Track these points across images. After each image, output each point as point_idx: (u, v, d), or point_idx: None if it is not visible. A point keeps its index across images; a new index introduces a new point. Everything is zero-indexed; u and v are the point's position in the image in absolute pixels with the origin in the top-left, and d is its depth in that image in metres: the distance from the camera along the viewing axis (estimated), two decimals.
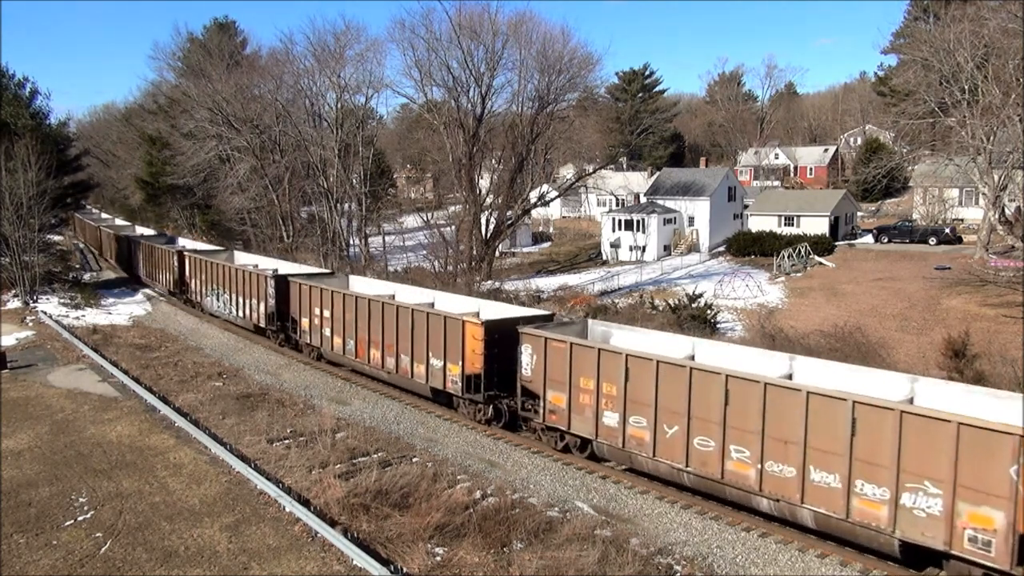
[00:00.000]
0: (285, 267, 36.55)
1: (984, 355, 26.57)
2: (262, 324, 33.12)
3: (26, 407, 23.83)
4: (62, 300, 42.97)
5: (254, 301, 33.40)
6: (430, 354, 23.03)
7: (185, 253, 42.26)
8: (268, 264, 37.87)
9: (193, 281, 40.41)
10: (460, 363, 21.85)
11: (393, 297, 27.14)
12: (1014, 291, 39.48)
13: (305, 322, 29.86)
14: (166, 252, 44.52)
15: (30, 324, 37.51)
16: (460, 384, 21.98)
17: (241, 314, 34.76)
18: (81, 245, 76.09)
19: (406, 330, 23.96)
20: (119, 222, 79.75)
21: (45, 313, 39.30)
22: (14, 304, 42.04)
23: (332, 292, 28.18)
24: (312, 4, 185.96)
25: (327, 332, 28.35)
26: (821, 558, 14.63)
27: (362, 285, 31.51)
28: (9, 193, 40.87)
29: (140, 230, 64.94)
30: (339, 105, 59.72)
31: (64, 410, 23.54)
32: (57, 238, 56.98)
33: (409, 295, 28.30)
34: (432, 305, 25.77)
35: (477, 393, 21.59)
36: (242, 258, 42.18)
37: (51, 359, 30.50)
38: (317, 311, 28.85)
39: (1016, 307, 37.64)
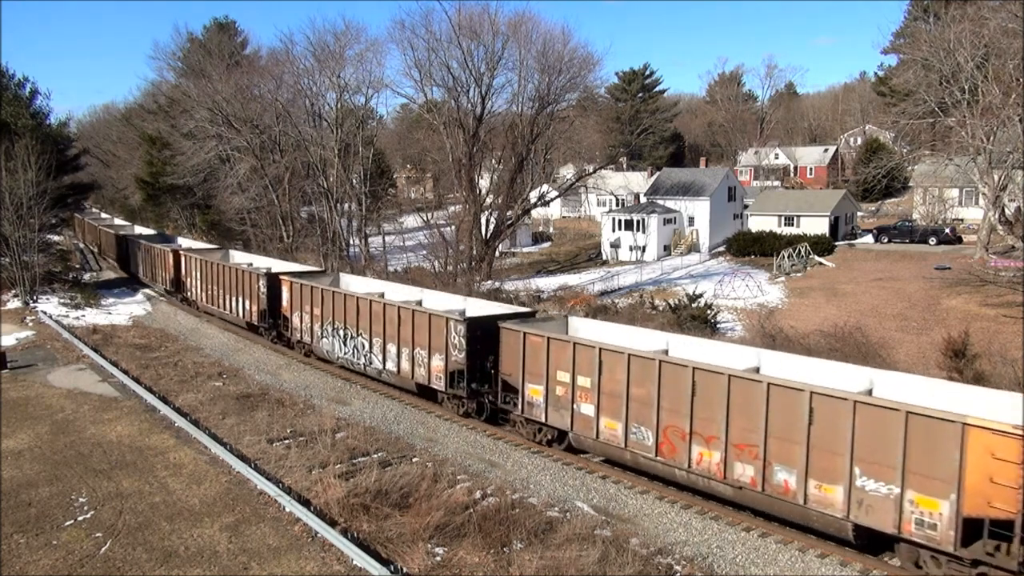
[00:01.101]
0: (279, 266, 37.03)
1: (984, 355, 26.55)
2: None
3: (26, 407, 23.83)
4: (62, 300, 42.98)
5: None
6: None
7: (180, 252, 42.54)
8: (263, 263, 38.28)
9: (188, 280, 40.76)
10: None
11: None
12: (1014, 291, 39.48)
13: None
14: (162, 251, 44.84)
15: (30, 324, 37.51)
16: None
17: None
18: (81, 245, 76.10)
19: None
20: (118, 221, 79.86)
21: (45, 313, 39.30)
22: (14, 304, 42.03)
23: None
24: (312, 4, 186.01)
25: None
26: (821, 558, 14.63)
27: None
28: (9, 193, 40.88)
29: (138, 229, 65.19)
30: (339, 105, 59.73)
31: (64, 410, 23.54)
32: (57, 238, 56.94)
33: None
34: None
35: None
36: (237, 257, 42.54)
37: (51, 359, 30.50)
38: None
39: (1016, 307, 37.63)
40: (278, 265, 37.37)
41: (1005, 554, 12.56)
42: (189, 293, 40.98)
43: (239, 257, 42.53)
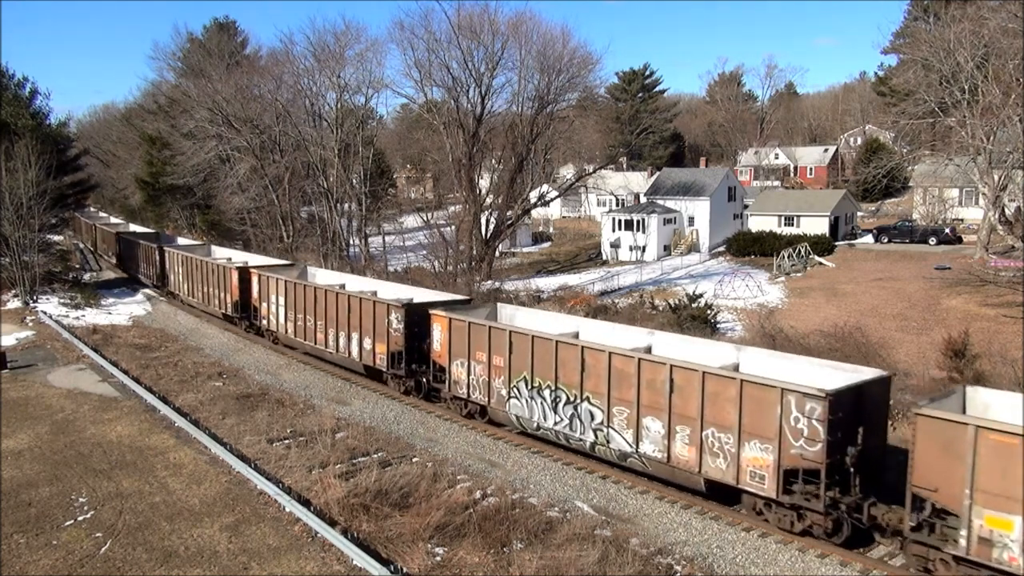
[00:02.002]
0: (255, 260, 39.47)
1: (984, 355, 26.54)
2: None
3: (26, 407, 23.83)
4: (62, 300, 42.98)
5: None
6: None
7: (165, 249, 44.71)
8: (241, 258, 40.93)
9: (172, 275, 42.76)
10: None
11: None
12: (1014, 291, 39.47)
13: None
14: (149, 248, 47.23)
15: (30, 324, 37.51)
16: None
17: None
18: (81, 245, 76.17)
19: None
20: (114, 220, 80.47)
21: (45, 313, 39.31)
22: (14, 304, 42.04)
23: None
24: (312, 4, 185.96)
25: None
26: (821, 558, 14.63)
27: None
28: (9, 193, 40.88)
29: (133, 227, 66.49)
30: (339, 105, 59.75)
31: (64, 410, 23.55)
32: (57, 238, 56.96)
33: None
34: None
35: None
36: (219, 252, 44.78)
37: (51, 359, 30.51)
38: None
39: (1016, 307, 37.64)
40: (254, 259, 39.86)
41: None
42: (172, 287, 42.95)
43: (220, 252, 44.80)
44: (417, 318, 23.80)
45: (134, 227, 67.41)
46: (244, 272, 34.25)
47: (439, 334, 22.62)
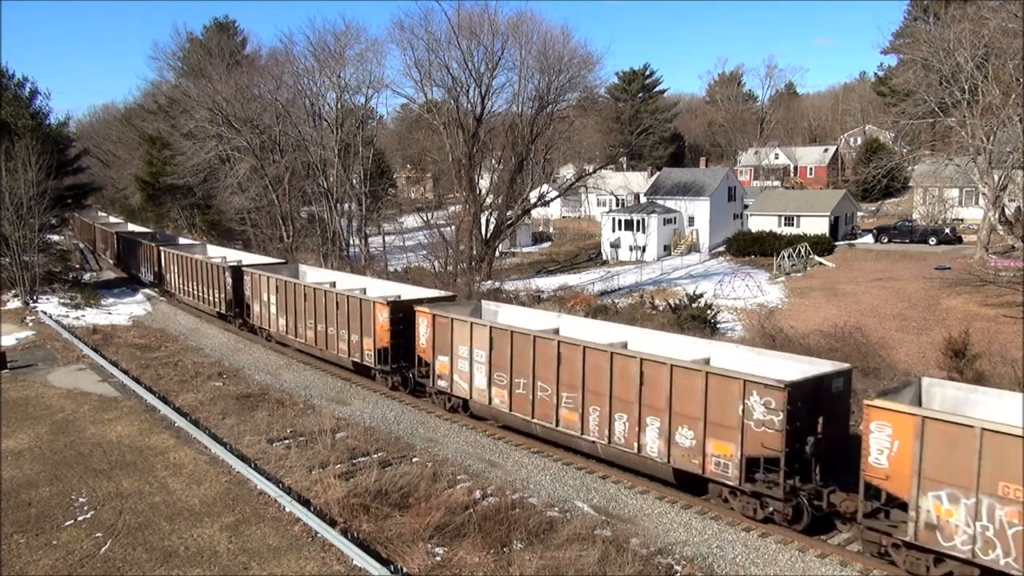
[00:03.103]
0: (249, 259, 39.86)
1: (984, 355, 26.54)
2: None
3: (26, 407, 23.83)
4: (62, 300, 42.99)
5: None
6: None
7: (161, 248, 45.08)
8: (236, 257, 41.39)
9: (168, 274, 43.10)
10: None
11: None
12: (1014, 291, 39.46)
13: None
14: (148, 247, 47.64)
15: (30, 324, 37.51)
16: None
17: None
18: (81, 245, 76.19)
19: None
20: (112, 220, 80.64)
21: (45, 313, 39.31)
22: (14, 304, 42.04)
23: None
24: (312, 4, 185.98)
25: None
26: (821, 558, 14.63)
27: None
28: (9, 193, 40.88)
29: (131, 227, 66.89)
30: (339, 105, 59.75)
31: (64, 410, 23.55)
32: (57, 238, 56.99)
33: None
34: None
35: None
36: (214, 252, 45.07)
37: (51, 359, 30.51)
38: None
39: (1016, 307, 37.63)
40: (249, 258, 40.32)
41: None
42: (169, 286, 43.31)
43: (215, 251, 45.20)
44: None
45: (133, 227, 67.72)
46: (237, 271, 34.72)
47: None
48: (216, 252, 44.56)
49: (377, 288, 29.72)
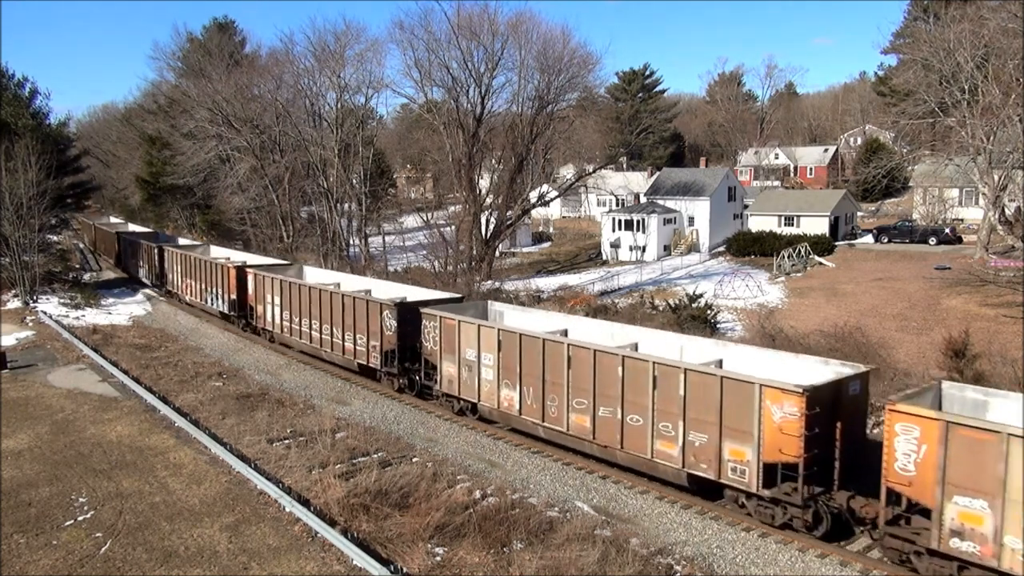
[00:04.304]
0: (253, 260, 39.53)
1: (984, 355, 26.52)
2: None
3: (26, 407, 23.83)
4: (62, 300, 42.98)
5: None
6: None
7: (164, 248, 44.91)
8: (239, 257, 40.99)
9: (170, 273, 42.93)
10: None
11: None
12: (1014, 291, 39.46)
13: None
14: (149, 248, 47.51)
15: (30, 324, 37.50)
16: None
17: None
18: (81, 245, 76.20)
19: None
20: (113, 220, 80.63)
21: (45, 313, 39.30)
22: (14, 304, 42.03)
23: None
24: (312, 4, 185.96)
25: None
26: (821, 558, 14.62)
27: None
28: (9, 193, 40.87)
29: (132, 227, 66.78)
30: (339, 105, 59.74)
31: (64, 410, 23.54)
32: (56, 238, 56.98)
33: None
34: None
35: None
36: (216, 252, 44.89)
37: (51, 359, 30.50)
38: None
39: (1016, 307, 37.63)
40: (253, 259, 39.99)
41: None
42: (171, 286, 43.18)
43: (218, 252, 44.95)
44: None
45: (133, 227, 67.70)
46: (241, 271, 34.49)
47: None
48: (219, 253, 44.44)
49: (381, 289, 29.57)
